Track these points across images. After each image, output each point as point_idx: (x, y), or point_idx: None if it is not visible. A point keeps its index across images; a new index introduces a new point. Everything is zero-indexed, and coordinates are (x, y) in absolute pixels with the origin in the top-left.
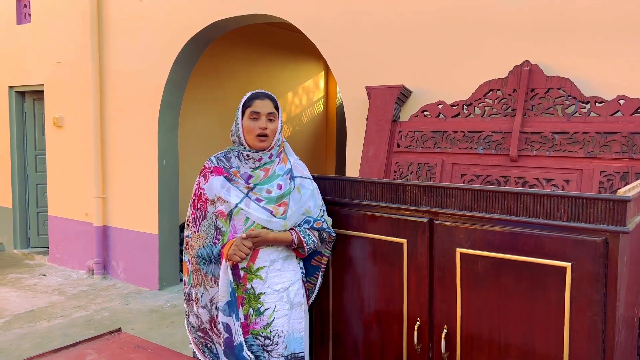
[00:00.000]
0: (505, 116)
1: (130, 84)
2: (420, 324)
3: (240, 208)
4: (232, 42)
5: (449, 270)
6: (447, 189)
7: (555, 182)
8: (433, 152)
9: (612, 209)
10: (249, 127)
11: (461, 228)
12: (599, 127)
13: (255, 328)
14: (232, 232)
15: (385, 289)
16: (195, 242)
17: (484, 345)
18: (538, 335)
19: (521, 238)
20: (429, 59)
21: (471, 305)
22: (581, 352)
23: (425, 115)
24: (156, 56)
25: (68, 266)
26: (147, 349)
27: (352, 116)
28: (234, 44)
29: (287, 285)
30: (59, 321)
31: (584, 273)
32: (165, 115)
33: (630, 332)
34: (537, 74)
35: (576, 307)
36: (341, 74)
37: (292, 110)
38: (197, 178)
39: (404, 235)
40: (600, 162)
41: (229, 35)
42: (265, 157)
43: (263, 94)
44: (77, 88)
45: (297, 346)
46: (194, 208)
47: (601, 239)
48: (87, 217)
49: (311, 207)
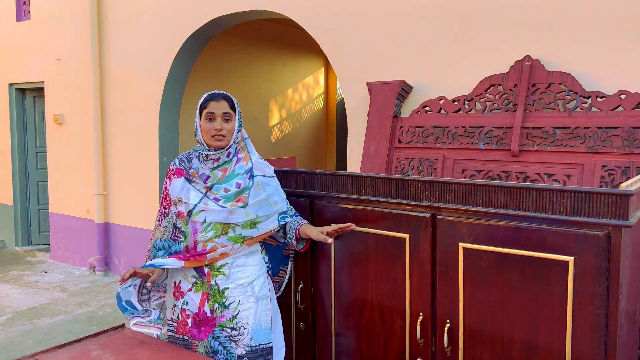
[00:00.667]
0: (506, 111)
1: (131, 81)
2: (423, 318)
3: (199, 210)
4: (232, 38)
5: (451, 265)
6: (449, 184)
7: (557, 177)
8: (434, 148)
9: (614, 203)
10: (205, 127)
11: (464, 223)
12: (600, 122)
13: (222, 321)
14: (192, 232)
15: (387, 284)
16: (157, 233)
17: (486, 339)
18: (541, 329)
19: (524, 232)
20: (430, 54)
21: (474, 299)
22: (584, 346)
23: (427, 110)
24: (157, 53)
25: (70, 263)
26: (151, 344)
27: (353, 112)
28: (234, 41)
29: (252, 280)
30: (62, 318)
31: (586, 267)
32: (166, 111)
33: (633, 325)
34: (538, 69)
35: (579, 301)
36: (342, 69)
37: (292, 106)
38: (165, 177)
39: (407, 231)
40: (601, 157)
41: (229, 31)
42: (223, 157)
43: (219, 94)
44: (77, 85)
45: (264, 337)
46: (162, 205)
47: (603, 233)
48: (88, 214)
49: (277, 201)
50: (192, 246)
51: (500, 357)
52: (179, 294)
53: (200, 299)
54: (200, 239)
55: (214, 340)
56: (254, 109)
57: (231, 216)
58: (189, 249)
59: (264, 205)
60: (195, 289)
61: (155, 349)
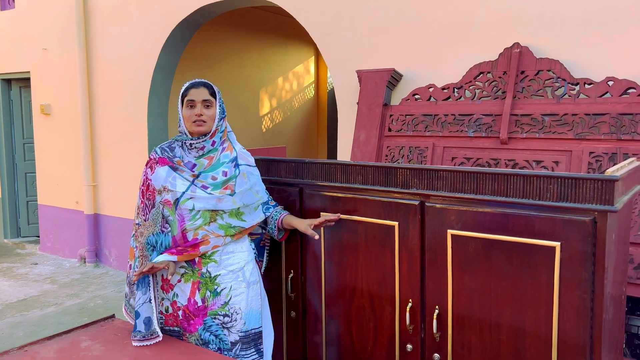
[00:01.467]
0: (495, 99)
1: (119, 70)
2: (412, 305)
3: (187, 198)
4: (221, 26)
5: (440, 251)
6: (437, 172)
7: (545, 163)
8: (424, 136)
9: (600, 189)
10: (186, 115)
11: (452, 210)
12: (588, 109)
13: (213, 309)
14: (179, 220)
15: (377, 271)
16: (145, 229)
17: (475, 324)
18: (528, 314)
19: (511, 219)
20: (420, 42)
21: (462, 285)
22: (570, 330)
23: (416, 98)
24: (144, 41)
25: (59, 255)
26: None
27: (343, 100)
28: (224, 29)
29: (242, 265)
30: (52, 309)
31: (573, 252)
32: (154, 101)
33: (618, 309)
34: (527, 56)
35: (565, 285)
36: (332, 58)
37: (283, 95)
38: (144, 169)
39: (396, 218)
40: (589, 144)
41: (218, 19)
42: (208, 145)
43: (199, 82)
44: (64, 75)
45: (255, 322)
46: (143, 197)
47: (590, 219)
48: (77, 206)
49: (259, 190)
50: (179, 236)
51: (489, 341)
52: (168, 287)
53: (191, 289)
54: (188, 227)
55: (205, 331)
56: (244, 98)
57: (220, 203)
58: (177, 239)
59: (248, 194)
60: (185, 279)
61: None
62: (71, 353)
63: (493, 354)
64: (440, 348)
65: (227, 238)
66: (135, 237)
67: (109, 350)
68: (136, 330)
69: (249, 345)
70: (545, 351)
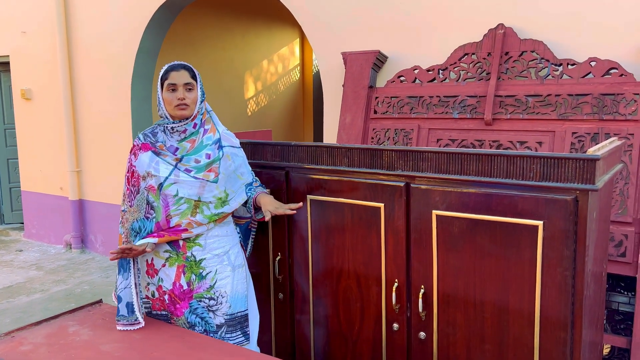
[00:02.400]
0: (480, 80)
1: (101, 53)
2: (398, 285)
3: (170, 183)
4: (204, 9)
5: (425, 232)
6: (423, 153)
7: (529, 144)
8: (409, 118)
9: (582, 168)
10: (167, 99)
11: (437, 191)
12: (571, 89)
13: (199, 292)
14: (163, 206)
15: (363, 252)
16: (130, 215)
17: (459, 302)
18: (512, 292)
19: (495, 198)
20: (405, 23)
21: (447, 265)
22: (552, 306)
23: (402, 80)
24: (126, 24)
25: (45, 241)
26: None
27: (328, 83)
28: (206, 11)
29: (227, 249)
30: (39, 296)
31: (555, 231)
32: (137, 84)
33: (599, 286)
34: (511, 37)
35: (547, 263)
36: (316, 40)
37: (268, 78)
38: (128, 156)
39: (382, 200)
40: (572, 124)
41: (201, 1)
42: (190, 128)
43: (179, 65)
44: (44, 58)
45: (241, 305)
46: (128, 184)
47: (571, 197)
48: (62, 192)
49: (244, 172)
50: (164, 221)
51: (473, 319)
52: (152, 272)
53: (176, 273)
54: (173, 212)
55: (191, 314)
56: (228, 82)
57: (203, 191)
58: (161, 224)
59: (232, 177)
60: (170, 263)
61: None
62: (59, 338)
63: (477, 331)
64: (426, 326)
65: (210, 224)
66: (122, 223)
67: (96, 334)
68: (119, 315)
69: (235, 328)
70: (528, 327)
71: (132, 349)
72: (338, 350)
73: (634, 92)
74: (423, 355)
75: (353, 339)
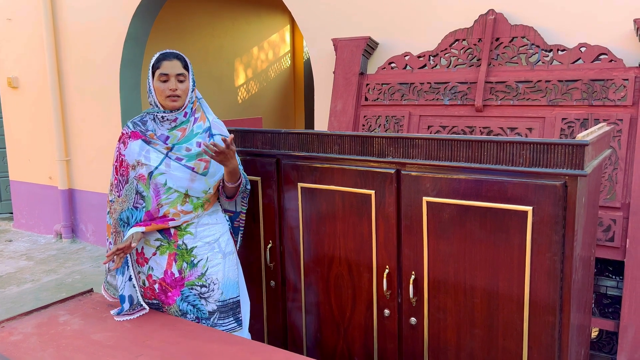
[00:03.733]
0: (470, 66)
1: (88, 40)
2: (389, 271)
3: (160, 172)
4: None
5: (415, 218)
6: (413, 140)
7: (519, 130)
8: (400, 105)
9: (571, 154)
10: (159, 89)
11: (427, 177)
12: (561, 75)
13: (190, 279)
14: (154, 195)
15: (354, 239)
16: (118, 205)
17: (450, 288)
18: (501, 277)
19: (485, 185)
20: (395, 9)
21: (438, 251)
22: (541, 291)
23: (392, 67)
24: (113, 10)
25: (35, 231)
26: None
27: (319, 70)
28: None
29: (217, 237)
30: (29, 286)
31: (544, 216)
32: (126, 72)
33: (588, 271)
34: (502, 23)
35: (537, 248)
36: (307, 26)
37: (259, 65)
38: (116, 145)
39: (372, 187)
40: (561, 110)
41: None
42: (180, 117)
43: (171, 54)
44: (31, 46)
45: (233, 291)
46: (117, 174)
47: (560, 183)
48: (51, 181)
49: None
50: (155, 210)
51: (463, 304)
52: (142, 260)
53: (167, 261)
54: (163, 201)
55: (183, 301)
56: (218, 69)
57: (192, 184)
58: (152, 213)
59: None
60: (161, 251)
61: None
62: (49, 328)
63: (468, 316)
64: (417, 312)
65: (198, 211)
66: (110, 213)
67: (87, 324)
68: (123, 312)
69: (227, 314)
70: (518, 312)
71: (123, 338)
72: (330, 336)
73: (623, 78)
74: (414, 340)
75: (344, 325)
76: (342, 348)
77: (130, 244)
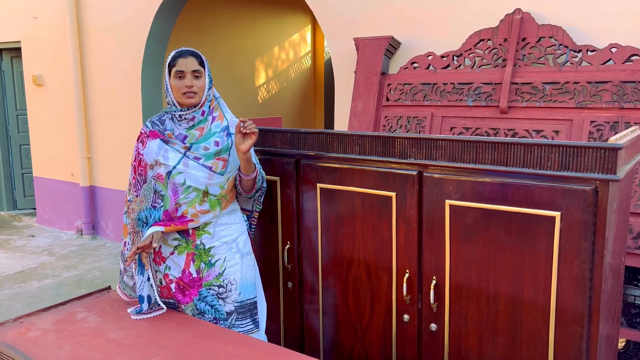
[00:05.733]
0: (495, 67)
1: (111, 39)
2: (410, 275)
3: (178, 172)
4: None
5: (438, 222)
6: (436, 141)
7: (545, 133)
8: (422, 105)
9: (603, 157)
10: (175, 86)
11: (450, 180)
12: (590, 77)
13: (208, 279)
14: (172, 195)
15: (374, 242)
16: (136, 205)
17: (472, 294)
18: (526, 284)
19: (511, 188)
20: (419, 8)
21: (460, 256)
22: (568, 299)
23: (415, 67)
24: (136, 9)
25: (56, 227)
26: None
27: (340, 69)
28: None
29: (235, 237)
30: (50, 281)
31: (573, 222)
32: (148, 71)
33: (617, 279)
34: (529, 23)
35: (564, 255)
36: (329, 25)
37: (279, 65)
38: (135, 144)
39: (393, 189)
40: (590, 112)
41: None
42: (198, 115)
43: (187, 51)
44: (55, 44)
45: (250, 292)
46: (135, 173)
47: (591, 188)
48: (73, 178)
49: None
50: (173, 209)
51: (486, 311)
52: (160, 260)
53: (185, 261)
54: (182, 200)
55: (200, 301)
56: (239, 68)
57: (211, 182)
58: (170, 212)
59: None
60: (179, 250)
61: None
62: (67, 325)
63: (490, 323)
64: (438, 318)
65: (216, 211)
66: (127, 213)
67: (104, 321)
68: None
69: (245, 315)
70: (543, 321)
71: (139, 336)
72: (347, 340)
73: None
74: (434, 346)
75: (362, 329)
76: (360, 352)
77: (150, 242)
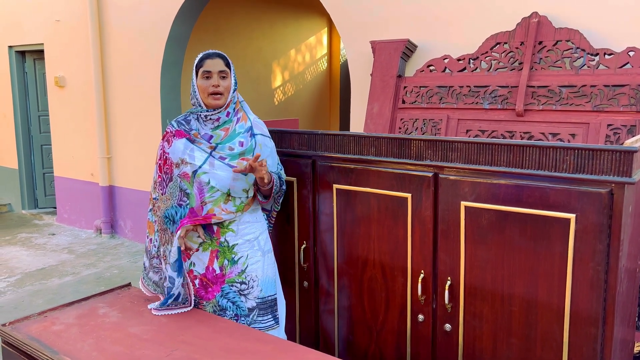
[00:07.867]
0: (512, 70)
1: (131, 42)
2: (424, 276)
3: (203, 172)
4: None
5: (453, 223)
6: (452, 143)
7: (561, 136)
8: (438, 108)
9: (618, 160)
10: (202, 86)
11: (466, 182)
12: (607, 80)
13: (231, 276)
14: (197, 193)
15: (389, 242)
16: (162, 203)
17: (487, 295)
18: (541, 286)
19: (526, 190)
20: (435, 11)
21: (475, 257)
22: (583, 302)
23: (431, 70)
24: (156, 12)
25: (76, 226)
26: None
27: (356, 72)
28: (235, 0)
29: (257, 235)
30: (70, 278)
31: (588, 224)
32: (167, 72)
33: (632, 282)
34: (546, 26)
35: (579, 258)
36: (345, 28)
37: (295, 67)
38: (160, 143)
39: (409, 190)
40: (607, 116)
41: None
42: (223, 116)
43: (214, 53)
44: (77, 47)
45: (271, 289)
46: (160, 172)
47: (606, 190)
48: (92, 177)
49: (270, 165)
50: (198, 207)
51: (500, 313)
52: (184, 256)
53: (209, 257)
54: (207, 199)
55: (222, 298)
56: (256, 70)
57: (235, 184)
58: (196, 210)
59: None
60: (204, 247)
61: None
62: (89, 319)
63: (504, 324)
64: (452, 318)
65: (237, 213)
66: (153, 211)
67: (125, 316)
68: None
69: (266, 312)
70: (557, 322)
71: (159, 331)
72: (362, 339)
73: None
74: (448, 347)
75: (377, 329)
76: (374, 352)
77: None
